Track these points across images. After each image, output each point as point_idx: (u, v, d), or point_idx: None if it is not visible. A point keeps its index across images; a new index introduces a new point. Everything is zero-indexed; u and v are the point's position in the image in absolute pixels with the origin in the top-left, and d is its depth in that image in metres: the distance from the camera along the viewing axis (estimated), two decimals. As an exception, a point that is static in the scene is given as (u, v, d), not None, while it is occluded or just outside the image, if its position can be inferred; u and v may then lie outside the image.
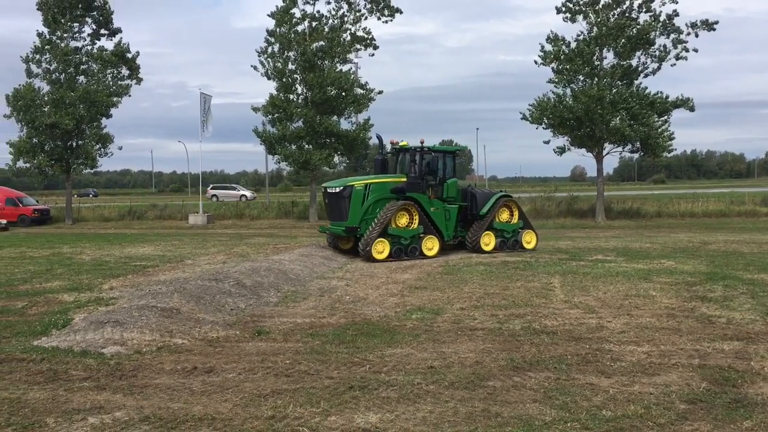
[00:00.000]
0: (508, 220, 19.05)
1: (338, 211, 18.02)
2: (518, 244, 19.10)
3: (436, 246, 17.75)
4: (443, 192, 18.50)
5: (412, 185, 17.83)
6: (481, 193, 19.17)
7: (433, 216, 17.99)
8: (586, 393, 6.14)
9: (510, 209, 19.19)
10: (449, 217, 18.47)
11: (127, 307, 9.64)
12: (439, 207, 18.20)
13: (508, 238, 18.97)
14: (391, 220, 17.08)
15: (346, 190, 17.70)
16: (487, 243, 18.57)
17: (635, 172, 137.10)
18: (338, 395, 6.10)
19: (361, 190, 17.65)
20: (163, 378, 6.74)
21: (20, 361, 7.42)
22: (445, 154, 18.93)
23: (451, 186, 18.70)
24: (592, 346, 7.84)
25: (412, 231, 17.39)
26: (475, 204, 18.75)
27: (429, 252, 17.60)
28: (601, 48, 31.30)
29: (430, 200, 18.04)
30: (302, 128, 33.72)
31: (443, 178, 18.62)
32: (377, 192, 17.74)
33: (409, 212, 17.48)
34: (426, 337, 8.46)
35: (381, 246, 16.98)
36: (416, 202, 17.61)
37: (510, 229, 19.00)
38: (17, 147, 35.78)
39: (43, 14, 35.79)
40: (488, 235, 18.59)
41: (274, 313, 10.26)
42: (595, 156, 32.77)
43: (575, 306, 10.41)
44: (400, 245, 17.25)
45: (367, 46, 34.85)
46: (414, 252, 17.38)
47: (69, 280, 14.11)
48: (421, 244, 17.52)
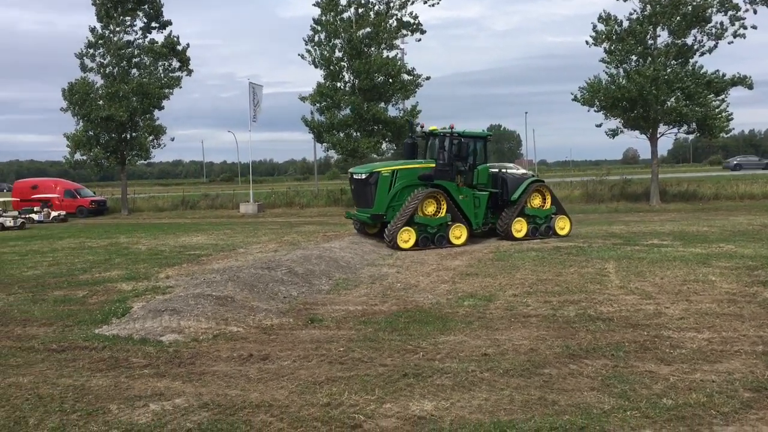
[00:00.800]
0: (540, 206, 18.48)
1: (364, 198, 17.77)
2: (551, 230, 18.51)
3: (464, 234, 17.31)
4: (473, 178, 18.02)
5: (440, 172, 17.41)
6: (512, 179, 18.65)
7: (461, 204, 17.54)
8: (645, 381, 6.01)
9: (542, 194, 18.60)
10: (479, 204, 17.92)
11: (183, 296, 9.83)
12: (467, 194, 17.71)
13: (540, 225, 18.43)
14: (417, 208, 16.75)
15: (372, 176, 17.40)
16: (518, 230, 18.05)
17: (690, 154, 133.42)
18: (392, 383, 6.11)
19: (388, 176, 17.31)
20: (220, 365, 6.86)
21: (83, 349, 7.65)
22: (475, 139, 18.40)
23: (482, 172, 18.21)
24: (650, 333, 7.66)
25: (439, 219, 16.99)
26: (506, 190, 18.21)
27: (457, 240, 17.16)
28: (654, 27, 30.42)
29: (459, 188, 17.58)
30: (350, 116, 33.76)
31: (473, 164, 18.13)
32: (404, 179, 17.37)
33: (436, 200, 17.10)
34: (479, 324, 8.40)
35: (407, 235, 16.65)
36: (444, 189, 17.22)
37: (542, 215, 18.44)
38: (74, 140, 36.82)
39: (97, 9, 36.65)
40: (519, 222, 18.06)
41: (326, 301, 10.34)
42: (649, 138, 31.97)
43: (631, 292, 10.19)
44: (427, 234, 16.89)
45: (413, 31, 34.62)
46: (441, 241, 16.98)
47: (127, 269, 14.48)
48: (449, 233, 17.11)
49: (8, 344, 8.02)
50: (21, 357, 7.40)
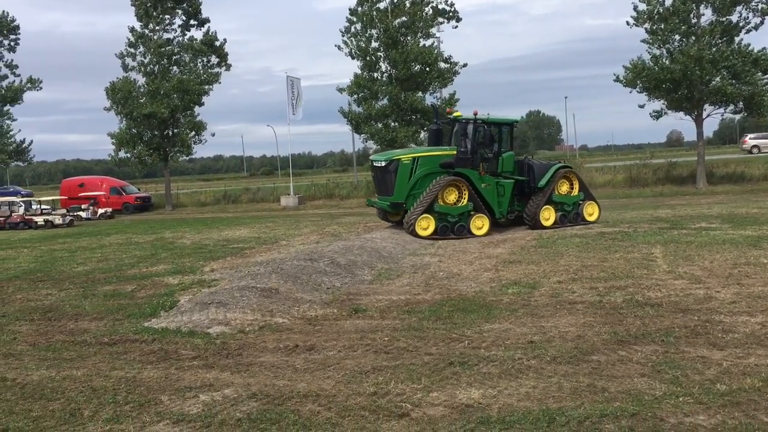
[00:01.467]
0: (568, 192, 18.00)
1: (384, 186, 17.48)
2: (580, 217, 18.07)
3: (486, 225, 16.89)
4: (498, 166, 17.61)
5: (462, 160, 16.94)
6: (538, 165, 18.16)
7: (483, 192, 17.11)
8: (697, 366, 5.88)
9: (570, 181, 18.13)
10: (503, 192, 17.45)
11: (228, 289, 9.96)
12: (490, 183, 17.25)
13: (569, 212, 17.95)
14: (438, 196, 16.43)
15: (393, 164, 17.08)
16: (546, 218, 17.58)
17: (737, 134, 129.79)
18: (438, 371, 6.09)
19: (408, 164, 16.98)
20: (266, 356, 6.93)
21: (134, 342, 7.81)
22: (501, 126, 17.91)
23: (507, 160, 17.77)
24: (701, 318, 7.49)
25: (460, 208, 16.61)
26: (533, 176, 17.70)
27: (478, 231, 16.74)
28: (698, 4, 29.65)
29: (481, 176, 17.10)
30: (387, 106, 33.74)
31: (498, 151, 17.70)
32: (426, 166, 17.01)
33: (458, 188, 16.72)
34: (524, 311, 8.33)
35: (425, 222, 16.37)
36: (466, 178, 16.81)
37: (570, 201, 17.95)
38: (118, 138, 37.58)
39: (136, 9, 37.25)
40: (548, 210, 17.60)
41: (369, 291, 10.36)
42: (695, 119, 31.24)
43: (680, 276, 9.98)
44: (447, 222, 16.55)
45: (449, 19, 34.42)
46: (462, 230, 16.59)
47: (172, 263, 14.72)
48: (470, 223, 16.72)
49: (61, 338, 8.23)
50: (74, 350, 7.59)
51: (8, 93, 40.19)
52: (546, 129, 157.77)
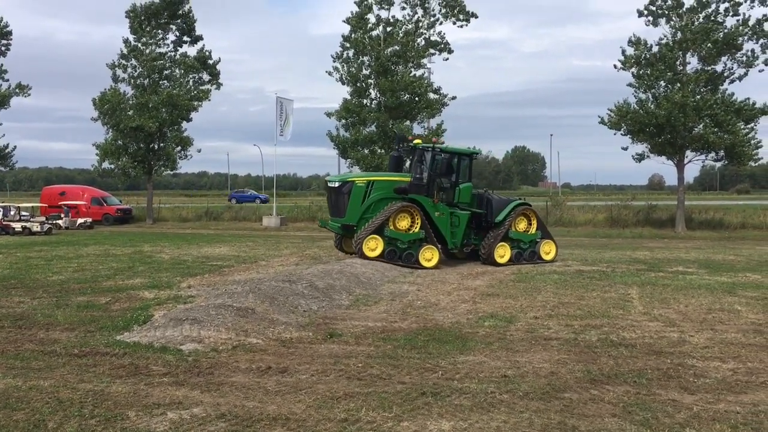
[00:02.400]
0: (525, 230, 17.78)
1: (337, 207, 17.18)
2: (536, 255, 17.83)
3: (435, 257, 16.58)
4: (455, 196, 17.42)
5: (416, 186, 16.76)
6: (497, 200, 17.87)
7: (437, 221, 16.88)
8: (668, 409, 5.90)
9: (528, 218, 17.94)
10: (458, 224, 17.25)
11: (204, 306, 9.88)
12: (444, 212, 17.02)
13: (524, 249, 17.72)
14: (389, 220, 16.18)
15: (347, 185, 16.85)
16: (501, 255, 17.29)
17: (717, 181, 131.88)
18: (411, 401, 6.06)
19: (363, 186, 16.69)
20: (238, 376, 6.86)
21: (104, 355, 7.70)
22: (460, 156, 17.70)
23: (465, 191, 17.57)
24: (673, 361, 7.54)
25: (411, 235, 16.36)
26: (491, 211, 17.46)
27: (427, 263, 16.43)
28: (684, 53, 30.27)
29: (435, 204, 16.85)
30: (375, 132, 33.93)
31: (456, 182, 17.51)
32: (381, 190, 16.72)
33: (411, 215, 16.51)
34: (499, 345, 8.33)
35: (374, 243, 16.09)
36: (419, 205, 16.60)
37: (527, 239, 17.71)
38: (103, 149, 37.39)
39: (131, 21, 37.33)
40: (503, 247, 17.33)
41: (346, 316, 10.32)
42: (676, 164, 31.72)
43: (655, 318, 10.05)
44: (395, 248, 16.27)
45: (441, 51, 34.81)
46: (409, 259, 16.34)
47: (149, 277, 14.59)
48: (419, 253, 16.45)
49: (31, 347, 8.10)
50: (43, 360, 7.47)
51: (-6, 97, 39.90)
52: (530, 165, 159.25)
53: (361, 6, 34.01)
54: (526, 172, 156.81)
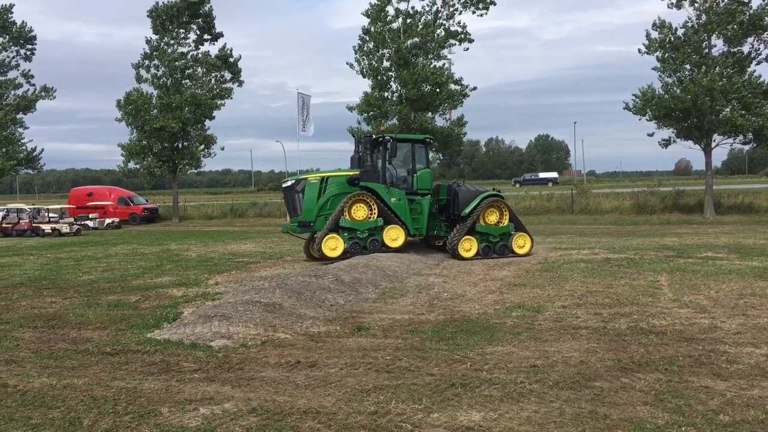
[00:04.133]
0: (496, 223, 17.12)
1: (293, 207, 17.06)
2: (508, 249, 17.13)
3: (401, 236, 16.45)
4: (414, 183, 17.27)
5: (368, 174, 16.63)
6: (465, 192, 17.29)
7: (394, 207, 16.64)
8: (701, 396, 5.83)
9: (500, 210, 17.22)
10: (420, 210, 17.04)
11: (232, 302, 9.97)
12: (401, 197, 16.81)
13: (494, 243, 17.07)
14: (344, 212, 16.08)
15: (300, 183, 16.83)
16: (467, 249, 16.72)
17: (746, 165, 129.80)
18: (440, 392, 6.06)
19: (316, 183, 16.67)
20: (268, 371, 6.91)
21: (135, 353, 7.81)
22: (413, 143, 17.64)
23: (423, 177, 17.37)
24: (705, 348, 7.44)
25: (370, 223, 16.20)
26: (457, 204, 17.05)
27: (393, 243, 16.34)
28: (709, 35, 29.75)
29: (389, 189, 16.68)
30: (396, 125, 33.84)
31: (413, 168, 17.38)
32: (336, 186, 16.64)
33: (367, 203, 16.34)
34: (527, 335, 8.29)
35: (333, 242, 15.95)
36: (372, 192, 16.47)
37: (497, 232, 17.03)
38: (128, 149, 37.84)
39: (153, 21, 37.67)
40: (469, 240, 16.74)
41: (373, 310, 10.34)
42: (703, 148, 31.23)
43: (685, 305, 9.93)
44: (357, 239, 16.15)
45: (461, 41, 34.58)
46: (375, 245, 16.20)
47: (177, 275, 14.75)
48: (383, 235, 16.36)
49: (64, 347, 8.24)
50: (76, 359, 7.59)
51: (22, 101, 40.55)
52: (554, 153, 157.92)
53: (380, -2, 33.88)
54: (550, 161, 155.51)
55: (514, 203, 36.57)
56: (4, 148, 40.16)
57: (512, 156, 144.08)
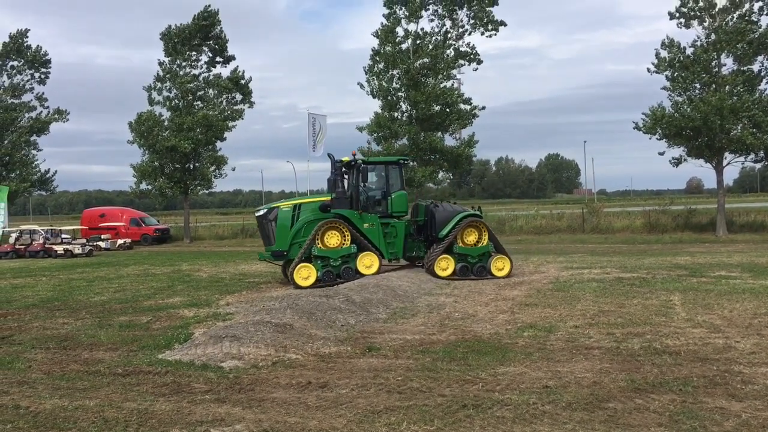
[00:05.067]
0: (474, 243, 16.77)
1: (266, 235, 16.89)
2: (486, 271, 16.62)
3: (375, 263, 16.18)
4: (388, 207, 16.95)
5: (339, 201, 16.38)
6: (442, 211, 16.96)
7: (367, 233, 16.42)
8: (715, 417, 5.77)
9: (479, 230, 16.90)
10: (395, 234, 16.81)
11: (243, 323, 9.97)
12: (374, 223, 16.58)
13: (472, 264, 16.67)
14: (316, 241, 15.82)
15: (272, 212, 16.64)
16: (444, 268, 16.43)
17: (758, 183, 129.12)
18: (452, 413, 6.02)
19: (288, 211, 16.49)
20: (279, 392, 6.90)
21: (147, 374, 7.81)
22: (386, 165, 17.30)
23: (398, 200, 17.04)
24: (719, 368, 7.37)
25: (343, 251, 15.94)
26: (433, 225, 16.75)
27: (367, 270, 16.02)
28: (719, 54, 29.75)
29: (361, 215, 16.46)
30: (406, 145, 33.97)
31: (387, 191, 17.02)
32: (308, 212, 16.44)
33: (339, 231, 16.09)
34: (539, 355, 8.24)
35: (305, 271, 15.64)
36: (345, 218, 16.24)
37: (475, 253, 16.65)
38: (140, 170, 38.11)
39: (165, 44, 38.10)
40: (446, 259, 16.47)
41: (383, 330, 10.31)
42: (715, 166, 31.09)
43: (699, 325, 9.85)
44: (330, 267, 15.83)
45: (471, 61, 34.74)
46: (348, 273, 15.89)
47: (189, 296, 14.78)
48: (357, 263, 16.06)
49: (76, 368, 8.25)
50: (87, 380, 7.60)
51: (35, 124, 41.00)
52: (564, 172, 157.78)
53: (390, 19, 34.19)
54: (561, 180, 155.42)
55: (524, 222, 36.57)
56: (17, 170, 40.54)
57: (522, 175, 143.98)
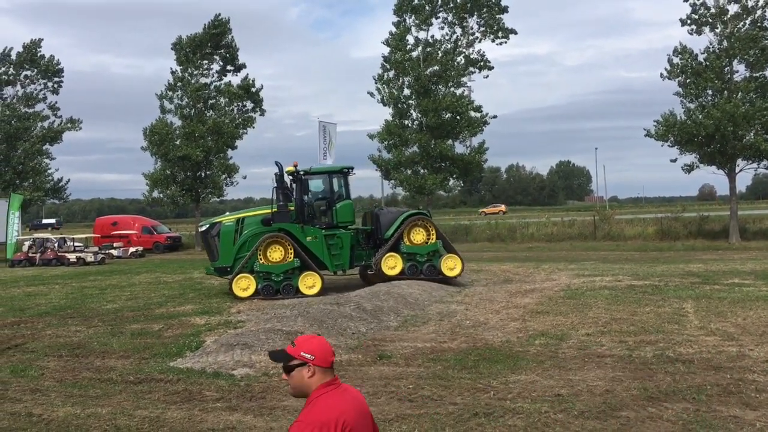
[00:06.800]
0: (423, 242, 16.58)
1: (210, 251, 16.74)
2: (436, 270, 16.50)
3: (318, 283, 15.85)
4: (334, 217, 16.59)
5: (279, 215, 16.10)
6: (386, 214, 16.98)
7: (310, 247, 16.12)
8: (729, 426, 5.72)
9: (426, 229, 16.67)
10: (341, 245, 16.41)
11: (254, 331, 9.99)
12: (317, 235, 16.24)
13: (421, 263, 16.51)
14: (258, 255, 15.63)
15: (215, 227, 16.48)
16: (391, 266, 16.22)
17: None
18: (463, 422, 6.00)
19: (231, 225, 16.32)
20: (290, 400, 6.88)
21: (158, 381, 7.84)
22: (330, 175, 17.01)
23: (344, 209, 16.63)
24: (733, 376, 7.31)
25: (285, 265, 15.66)
26: (379, 227, 16.62)
27: (309, 291, 15.71)
28: (731, 60, 29.61)
29: (303, 229, 16.15)
30: (417, 153, 33.99)
31: (331, 202, 16.68)
32: (252, 226, 16.26)
33: (282, 245, 15.82)
34: (551, 363, 8.20)
35: (245, 282, 15.51)
36: (287, 232, 15.98)
37: (423, 251, 16.49)
38: (152, 178, 38.32)
39: (177, 53, 38.37)
40: (393, 257, 16.23)
41: (394, 338, 10.30)
42: (727, 173, 30.89)
43: (712, 333, 9.77)
44: (271, 282, 15.63)
45: (481, 69, 34.74)
46: (289, 290, 15.64)
47: (200, 303, 14.83)
48: (299, 281, 15.76)
49: (88, 375, 8.29)
50: (100, 388, 7.63)
51: (48, 133, 41.31)
52: (576, 179, 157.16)
53: (400, 27, 34.28)
54: (572, 187, 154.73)
55: (535, 230, 36.45)
56: (31, 179, 40.83)
57: (533, 182, 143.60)
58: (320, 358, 2.80)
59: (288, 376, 2.80)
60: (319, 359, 2.80)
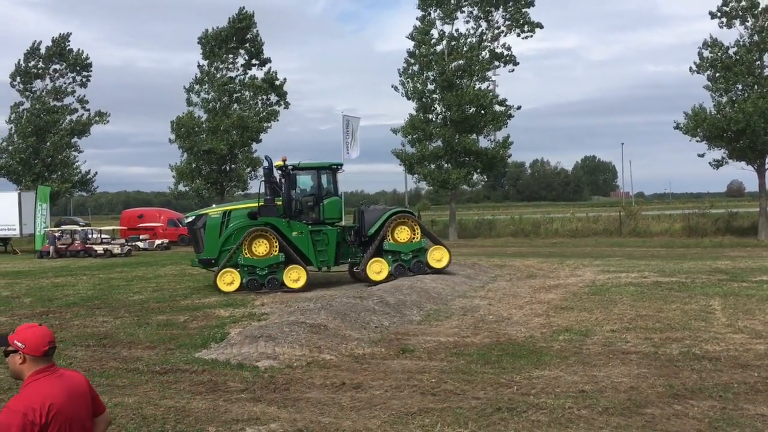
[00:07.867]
0: (409, 240, 16.50)
1: (195, 243, 16.65)
2: (423, 265, 16.45)
3: (302, 277, 15.70)
4: (321, 213, 16.47)
5: (265, 209, 16.00)
6: (371, 211, 16.92)
7: (296, 242, 16.03)
8: (757, 425, 5.65)
9: (411, 228, 16.61)
10: (327, 241, 16.26)
11: (278, 323, 10.06)
12: (303, 231, 16.11)
13: (407, 261, 16.39)
14: (243, 248, 15.57)
15: (200, 219, 16.43)
16: (377, 271, 16.10)
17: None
18: (486, 416, 5.99)
19: (218, 218, 16.27)
20: (313, 392, 6.94)
21: (184, 372, 7.93)
22: (319, 171, 16.85)
23: (331, 206, 16.51)
24: (761, 374, 7.21)
25: (270, 260, 15.61)
26: (363, 224, 16.58)
27: (294, 284, 15.61)
28: (761, 54, 29.08)
29: (289, 224, 16.06)
30: (441, 147, 33.91)
31: (319, 197, 16.54)
32: (238, 219, 16.18)
33: (267, 239, 15.78)
34: (575, 359, 8.15)
35: (230, 277, 15.47)
36: (272, 226, 15.93)
37: (408, 249, 16.40)
38: (178, 171, 38.71)
39: (203, 47, 38.69)
40: (378, 262, 16.15)
41: (417, 332, 10.30)
42: (757, 169, 30.39)
43: (739, 330, 9.64)
44: (255, 276, 15.60)
45: (506, 63, 34.52)
46: (274, 283, 15.61)
47: (224, 296, 14.95)
48: (284, 275, 15.68)
49: (115, 365, 8.41)
50: (127, 378, 7.74)
51: (76, 126, 41.85)
52: (601, 175, 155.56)
53: (424, 21, 34.18)
54: (597, 183, 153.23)
55: (560, 225, 36.19)
56: (59, 171, 41.43)
57: (558, 177, 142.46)
58: (31, 347, 2.95)
59: (7, 359, 3.00)
60: (29, 348, 2.95)
